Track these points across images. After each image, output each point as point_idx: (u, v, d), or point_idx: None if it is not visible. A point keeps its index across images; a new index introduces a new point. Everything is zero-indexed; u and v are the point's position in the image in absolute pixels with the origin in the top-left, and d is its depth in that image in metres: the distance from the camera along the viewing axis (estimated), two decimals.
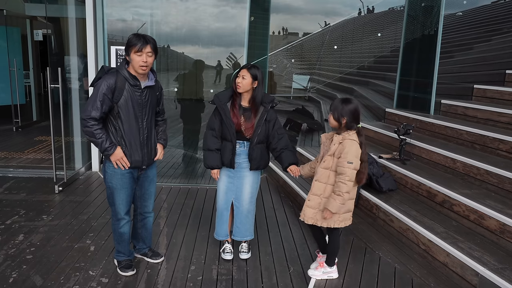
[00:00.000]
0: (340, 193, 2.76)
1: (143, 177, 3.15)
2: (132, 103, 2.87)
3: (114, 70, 2.90)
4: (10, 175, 5.51)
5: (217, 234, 3.57)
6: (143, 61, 2.80)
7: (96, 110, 2.78)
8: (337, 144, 2.82)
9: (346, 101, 2.86)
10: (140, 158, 2.99)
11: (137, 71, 2.85)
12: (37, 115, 9.25)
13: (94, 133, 2.82)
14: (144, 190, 3.21)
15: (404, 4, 6.38)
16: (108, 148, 2.85)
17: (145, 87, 2.92)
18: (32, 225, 4.02)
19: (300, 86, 11.37)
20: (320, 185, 2.90)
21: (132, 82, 2.85)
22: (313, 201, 2.92)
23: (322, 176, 2.88)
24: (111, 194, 3.05)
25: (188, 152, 6.54)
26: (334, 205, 2.79)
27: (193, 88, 6.50)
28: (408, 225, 3.52)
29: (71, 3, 5.69)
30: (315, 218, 2.96)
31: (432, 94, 5.45)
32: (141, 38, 2.79)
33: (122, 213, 3.09)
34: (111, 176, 2.99)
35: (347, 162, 2.74)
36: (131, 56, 2.80)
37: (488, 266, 2.81)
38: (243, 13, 5.56)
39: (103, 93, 2.78)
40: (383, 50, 10.90)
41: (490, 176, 3.72)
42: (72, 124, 5.85)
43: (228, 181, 3.45)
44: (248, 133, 3.29)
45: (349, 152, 2.75)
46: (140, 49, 2.76)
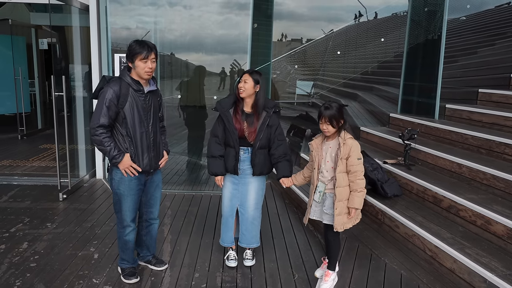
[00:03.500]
0: (361, 189, 2.87)
1: (149, 182, 3.16)
2: (137, 107, 2.92)
3: (116, 78, 2.96)
4: (15, 183, 5.53)
5: (223, 241, 3.55)
6: (149, 67, 2.88)
7: (104, 117, 2.83)
8: (342, 146, 2.87)
9: (330, 106, 2.88)
10: (148, 161, 3.02)
11: (142, 77, 2.91)
12: (42, 123, 9.30)
13: (103, 141, 2.85)
14: (150, 196, 3.21)
15: (407, 9, 6.37)
16: (116, 156, 2.88)
17: (148, 91, 2.98)
18: (36, 233, 4.01)
19: (303, 92, 11.37)
20: (341, 190, 2.90)
21: (135, 87, 2.91)
22: (340, 208, 2.91)
23: (342, 181, 2.90)
24: (118, 200, 3.05)
25: (192, 159, 6.53)
26: (359, 201, 2.89)
27: (196, 95, 6.51)
28: (414, 231, 3.48)
29: (75, 12, 5.73)
30: (344, 223, 2.95)
31: (437, 98, 5.42)
32: (145, 45, 2.87)
33: (128, 220, 3.09)
34: (119, 182, 3.00)
35: (357, 159, 2.85)
36: (136, 63, 2.86)
37: (496, 272, 2.77)
38: (246, 20, 5.58)
39: (109, 99, 2.83)
40: (387, 55, 10.90)
41: (496, 180, 3.68)
42: (77, 132, 5.87)
43: (232, 188, 3.44)
44: (251, 138, 3.29)
45: (355, 150, 2.86)
46: (146, 56, 2.85)
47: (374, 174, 4.11)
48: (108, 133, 2.89)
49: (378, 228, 3.94)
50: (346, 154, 2.86)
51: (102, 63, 5.56)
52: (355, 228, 3.89)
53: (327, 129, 2.89)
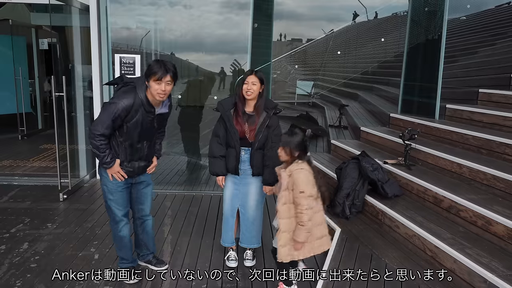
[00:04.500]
0: (302, 223, 2.75)
1: (137, 179, 3.17)
2: (141, 126, 2.90)
3: (133, 89, 2.85)
4: (15, 183, 5.53)
5: (223, 241, 3.56)
6: (162, 89, 2.78)
7: (107, 129, 2.82)
8: (286, 178, 2.80)
9: (293, 133, 2.85)
10: (137, 168, 3.05)
11: (155, 98, 2.83)
12: (42, 123, 9.30)
13: (100, 147, 2.86)
14: (139, 193, 3.22)
15: (407, 9, 6.37)
16: (108, 162, 2.91)
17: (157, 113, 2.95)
18: (37, 233, 4.02)
19: (304, 92, 11.37)
20: (285, 222, 2.83)
21: (147, 108, 2.86)
22: (283, 239, 2.84)
23: (284, 212, 2.83)
24: (107, 196, 3.07)
25: (192, 159, 6.53)
26: (300, 235, 2.78)
27: (197, 95, 6.51)
28: (414, 231, 3.48)
29: (75, 12, 5.73)
30: (291, 254, 2.87)
31: (437, 98, 5.42)
32: (162, 66, 2.77)
33: (119, 214, 3.09)
34: (106, 179, 3.03)
35: (299, 192, 2.73)
36: (150, 83, 2.78)
37: (496, 273, 2.77)
38: (246, 20, 5.58)
39: (117, 114, 2.78)
40: (387, 55, 10.89)
41: (497, 181, 3.68)
42: (77, 132, 5.87)
43: (233, 188, 3.45)
44: (251, 138, 3.29)
45: (299, 182, 2.74)
46: (160, 78, 2.75)
47: (375, 174, 4.10)
48: (106, 140, 2.88)
49: (378, 228, 3.94)
50: (290, 186, 2.78)
51: (103, 63, 5.56)
52: (355, 228, 3.90)
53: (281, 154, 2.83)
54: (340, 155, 5.63)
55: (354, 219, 4.09)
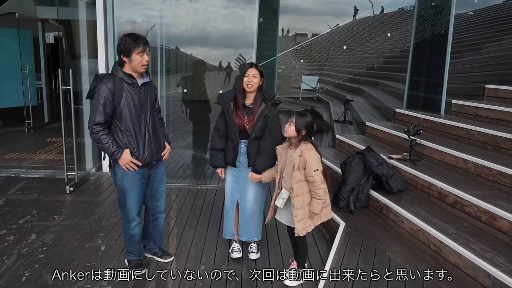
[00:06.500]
0: (319, 197, 2.97)
1: (153, 176, 3.18)
2: (133, 101, 2.94)
3: (108, 74, 2.98)
4: (23, 176, 5.59)
5: (224, 233, 3.61)
6: (146, 60, 2.92)
7: (100, 115, 2.85)
8: (298, 158, 2.95)
9: (305, 114, 3.02)
10: (149, 154, 3.04)
11: (138, 70, 2.94)
12: (49, 116, 9.36)
13: (100, 138, 2.88)
14: (154, 190, 3.24)
15: (414, 4, 6.33)
16: (115, 152, 2.91)
17: (142, 84, 3.01)
18: (44, 224, 4.06)
19: (309, 87, 11.35)
20: (299, 199, 3.00)
21: (129, 81, 2.94)
22: (300, 215, 3.01)
23: (298, 190, 3.00)
24: (123, 195, 3.08)
25: (197, 153, 6.56)
26: (318, 207, 3.00)
27: (200, 89, 6.51)
28: (419, 226, 3.49)
29: (82, 5, 5.75)
30: (306, 228, 3.05)
31: (443, 94, 5.40)
32: (140, 39, 2.90)
33: (133, 214, 3.12)
34: (122, 177, 3.02)
35: (314, 171, 2.91)
36: (132, 57, 2.88)
37: (500, 268, 2.78)
38: (252, 14, 5.57)
39: (104, 96, 2.84)
40: (393, 51, 10.84)
41: (502, 176, 3.67)
42: (83, 125, 5.90)
43: (233, 181, 3.48)
44: (249, 129, 3.31)
45: (311, 161, 2.92)
46: (143, 49, 2.88)
47: (379, 169, 4.11)
48: (105, 130, 2.91)
49: (383, 223, 3.95)
50: (302, 165, 2.94)
51: (109, 56, 5.59)
52: (360, 222, 3.92)
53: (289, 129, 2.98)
54: (345, 150, 5.64)
55: (359, 213, 4.10)
